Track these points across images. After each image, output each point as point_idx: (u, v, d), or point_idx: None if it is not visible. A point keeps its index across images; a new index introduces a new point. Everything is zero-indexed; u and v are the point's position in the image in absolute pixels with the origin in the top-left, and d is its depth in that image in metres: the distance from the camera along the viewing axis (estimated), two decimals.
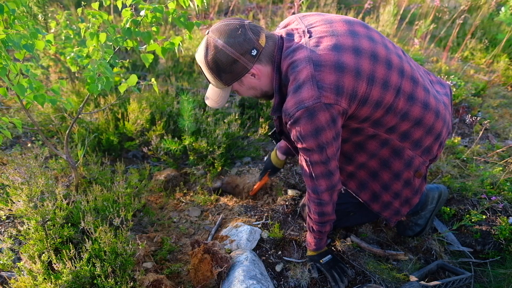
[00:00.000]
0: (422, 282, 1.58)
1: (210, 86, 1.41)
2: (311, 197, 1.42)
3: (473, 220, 1.91)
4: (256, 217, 1.84)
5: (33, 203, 1.47)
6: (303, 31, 1.28)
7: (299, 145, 1.29)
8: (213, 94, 1.41)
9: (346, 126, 1.35)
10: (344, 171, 1.57)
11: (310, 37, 1.25)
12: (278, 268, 1.60)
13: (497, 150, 2.44)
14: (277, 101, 1.34)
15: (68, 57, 1.69)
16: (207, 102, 1.46)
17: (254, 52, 1.23)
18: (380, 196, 1.57)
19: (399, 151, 1.42)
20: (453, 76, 3.17)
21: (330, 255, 1.61)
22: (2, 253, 1.45)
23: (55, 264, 1.29)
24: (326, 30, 1.25)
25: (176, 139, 2.26)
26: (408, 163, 1.44)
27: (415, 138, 1.38)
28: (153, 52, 1.51)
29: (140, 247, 1.51)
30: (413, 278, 1.59)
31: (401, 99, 1.27)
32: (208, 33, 1.26)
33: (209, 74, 1.29)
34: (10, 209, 1.52)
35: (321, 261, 1.59)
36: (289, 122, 1.24)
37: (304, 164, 1.35)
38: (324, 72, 1.16)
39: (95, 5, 1.46)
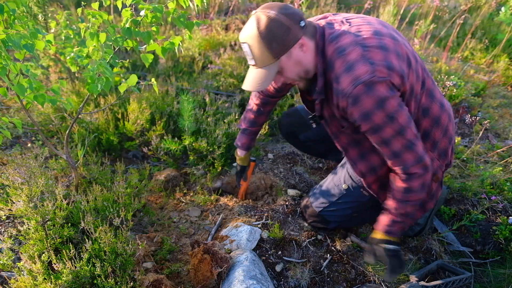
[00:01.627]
0: (422, 282, 1.58)
1: (251, 70, 1.36)
2: (400, 177, 1.33)
3: (473, 220, 1.91)
4: (256, 217, 1.84)
5: (33, 203, 1.47)
6: (341, 21, 1.34)
7: (366, 127, 1.26)
8: (255, 77, 1.35)
9: None
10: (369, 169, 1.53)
11: (350, 25, 1.31)
12: (278, 268, 1.60)
13: (497, 150, 2.44)
14: (321, 84, 1.35)
15: (68, 57, 1.69)
16: (247, 88, 1.38)
17: (302, 24, 1.26)
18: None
19: None
20: (453, 76, 3.17)
21: (397, 246, 1.44)
22: (2, 253, 1.44)
23: (55, 264, 1.29)
24: (362, 21, 1.33)
25: (176, 139, 2.26)
26: None
27: (435, 139, 1.40)
28: (153, 52, 1.51)
29: (140, 247, 1.51)
30: (413, 278, 1.59)
31: (424, 93, 1.33)
32: (255, 12, 1.27)
33: (260, 46, 1.26)
34: (10, 209, 1.52)
35: (384, 246, 1.43)
36: (349, 103, 1.23)
37: (380, 147, 1.30)
38: (372, 52, 1.21)
39: (95, 5, 1.46)
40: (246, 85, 1.38)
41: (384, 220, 1.45)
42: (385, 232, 1.44)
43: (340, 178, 1.70)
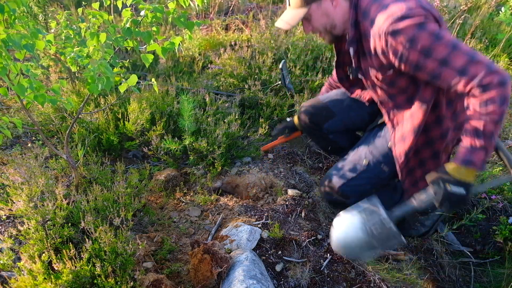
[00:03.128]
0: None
1: (286, 10, 1.48)
2: (476, 94, 1.15)
3: (473, 220, 1.91)
4: (256, 217, 1.84)
5: (33, 203, 1.47)
6: None
7: (414, 56, 1.20)
8: (286, 16, 1.46)
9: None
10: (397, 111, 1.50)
11: None
12: (278, 268, 1.60)
13: None
14: (353, 34, 1.40)
15: (68, 57, 1.69)
16: (277, 24, 1.49)
17: None
18: (410, 159, 1.54)
19: (441, 119, 1.43)
20: None
21: (467, 190, 1.20)
22: (2, 253, 1.45)
23: (55, 264, 1.29)
24: None
25: (176, 139, 2.26)
26: (444, 134, 1.45)
27: (456, 109, 1.41)
28: (153, 52, 1.51)
29: (140, 247, 1.51)
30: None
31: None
32: None
33: None
34: (10, 209, 1.52)
35: (450, 188, 1.20)
36: (389, 37, 1.22)
37: (442, 72, 1.18)
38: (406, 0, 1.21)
39: (96, 5, 1.46)
40: (277, 22, 1.50)
41: (461, 151, 1.22)
42: (462, 162, 1.20)
43: (361, 154, 1.67)
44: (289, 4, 1.46)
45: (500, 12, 4.22)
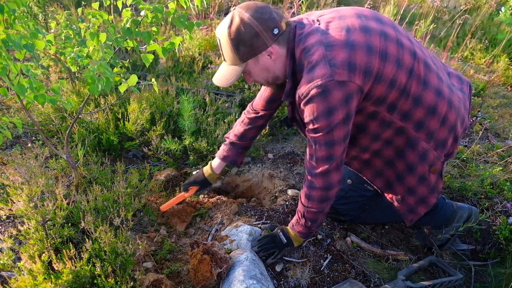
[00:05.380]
0: (408, 282, 1.55)
1: (222, 65, 1.40)
2: (306, 179, 1.42)
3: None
4: (256, 217, 1.84)
5: (33, 203, 1.47)
6: (313, 20, 1.33)
7: (310, 126, 1.29)
8: (223, 72, 1.38)
9: (362, 109, 1.34)
10: (360, 159, 1.56)
11: (319, 24, 1.29)
12: (278, 268, 1.60)
13: (497, 150, 2.44)
14: (290, 86, 1.35)
15: (68, 57, 1.69)
16: (214, 81, 1.42)
17: (276, 31, 1.26)
18: (394, 186, 1.54)
19: (413, 142, 1.40)
20: None
21: (283, 238, 1.58)
22: (2, 253, 1.45)
23: (55, 264, 1.29)
24: (334, 16, 1.30)
25: (176, 139, 2.26)
26: (422, 156, 1.42)
27: (430, 129, 1.37)
28: (153, 52, 1.51)
29: (140, 247, 1.51)
30: (399, 277, 1.57)
31: (414, 81, 1.28)
32: (234, 8, 1.28)
33: (228, 46, 1.28)
34: (10, 209, 1.52)
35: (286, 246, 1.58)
36: (303, 102, 1.25)
37: (309, 144, 1.35)
38: (335, 51, 1.19)
39: (95, 5, 1.46)
40: (214, 78, 1.43)
41: (295, 223, 1.55)
42: (291, 226, 1.58)
43: (344, 174, 1.70)
44: (224, 59, 1.36)
45: (500, 12, 4.23)
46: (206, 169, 1.88)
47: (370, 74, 1.21)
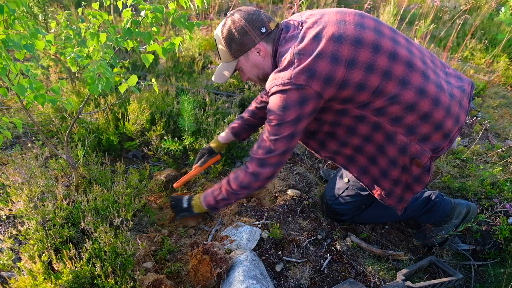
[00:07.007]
0: (408, 282, 1.56)
1: (219, 65, 1.57)
2: (246, 165, 1.51)
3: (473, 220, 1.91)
4: (256, 217, 1.84)
5: (33, 203, 1.47)
6: (299, 23, 1.42)
7: (267, 115, 1.40)
8: (219, 70, 1.56)
9: (329, 108, 1.43)
10: (342, 154, 1.61)
11: (301, 29, 1.38)
12: (278, 268, 1.60)
13: (497, 150, 2.44)
14: None
15: (68, 57, 1.69)
16: (214, 79, 1.59)
17: (263, 30, 1.42)
18: (380, 183, 1.56)
19: (391, 136, 1.43)
20: None
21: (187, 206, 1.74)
22: (2, 253, 1.45)
23: (55, 264, 1.29)
24: (316, 21, 1.37)
25: (176, 139, 2.26)
26: (402, 149, 1.43)
27: (408, 124, 1.38)
28: (154, 53, 1.51)
29: (140, 247, 1.51)
30: (399, 277, 1.57)
31: (390, 82, 1.32)
32: (229, 13, 1.46)
33: (221, 45, 1.47)
34: (10, 209, 1.52)
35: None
36: (269, 94, 1.39)
37: (263, 131, 1.46)
38: (303, 59, 1.29)
39: (96, 5, 1.46)
40: (213, 77, 1.60)
41: (210, 200, 1.64)
42: (203, 194, 1.69)
43: (343, 173, 1.81)
44: (219, 58, 1.54)
45: (500, 12, 4.23)
46: (212, 141, 2.05)
47: (331, 82, 1.29)
